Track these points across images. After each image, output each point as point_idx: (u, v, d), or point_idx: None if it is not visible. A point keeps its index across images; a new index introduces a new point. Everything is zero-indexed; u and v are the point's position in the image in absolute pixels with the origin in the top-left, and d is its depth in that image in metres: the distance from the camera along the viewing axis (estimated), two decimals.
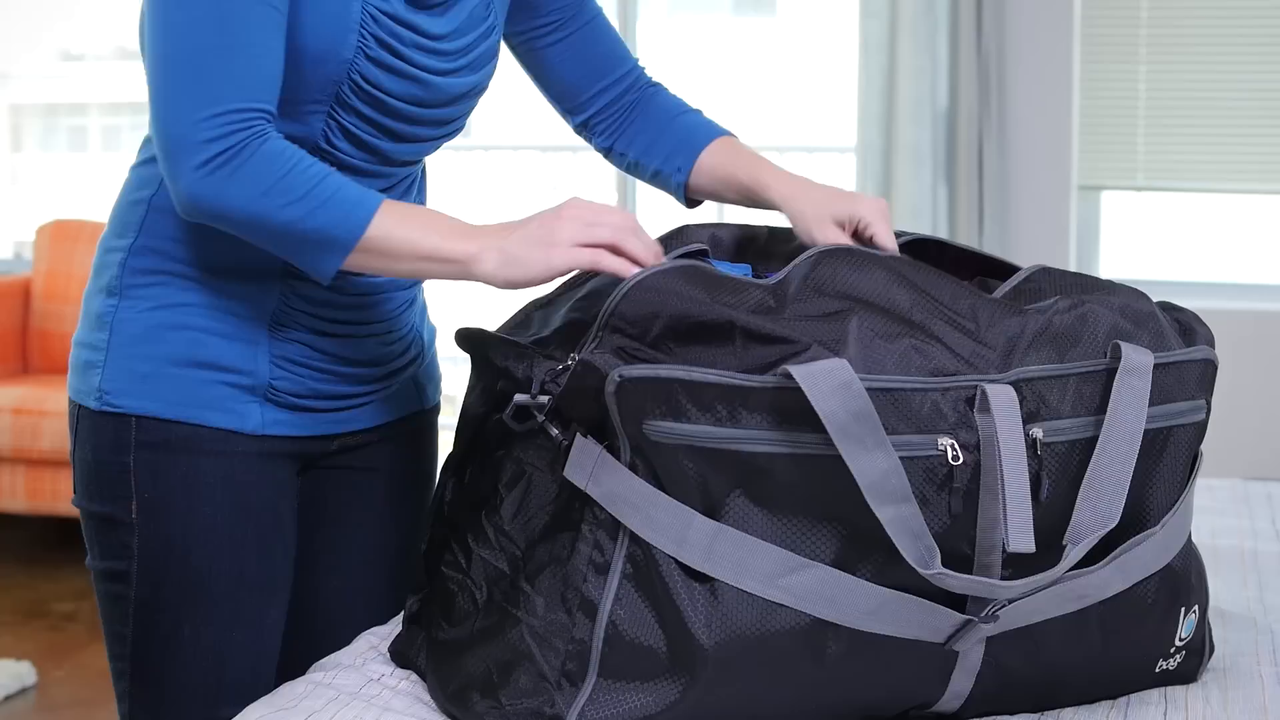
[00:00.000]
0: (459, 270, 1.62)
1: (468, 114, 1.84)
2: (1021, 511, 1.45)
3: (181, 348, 1.75)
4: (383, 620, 1.88)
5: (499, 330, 1.71)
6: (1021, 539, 1.45)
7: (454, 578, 1.65)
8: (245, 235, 1.64)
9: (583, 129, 1.99)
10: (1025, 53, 4.76)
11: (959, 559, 1.48)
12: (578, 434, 1.52)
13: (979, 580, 1.46)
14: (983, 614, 1.49)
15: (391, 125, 1.75)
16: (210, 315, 1.74)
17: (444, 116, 1.80)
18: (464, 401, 1.72)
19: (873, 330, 1.50)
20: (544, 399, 1.54)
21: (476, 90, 1.83)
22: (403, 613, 1.78)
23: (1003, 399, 1.47)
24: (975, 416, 1.48)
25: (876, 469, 1.42)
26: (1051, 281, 1.66)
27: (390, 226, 1.62)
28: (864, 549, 1.47)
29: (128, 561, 1.77)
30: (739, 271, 1.65)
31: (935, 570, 1.43)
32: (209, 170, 1.60)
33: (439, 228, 1.63)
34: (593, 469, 1.50)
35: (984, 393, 1.47)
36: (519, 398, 1.56)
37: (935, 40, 4.74)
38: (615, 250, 1.59)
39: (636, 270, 1.56)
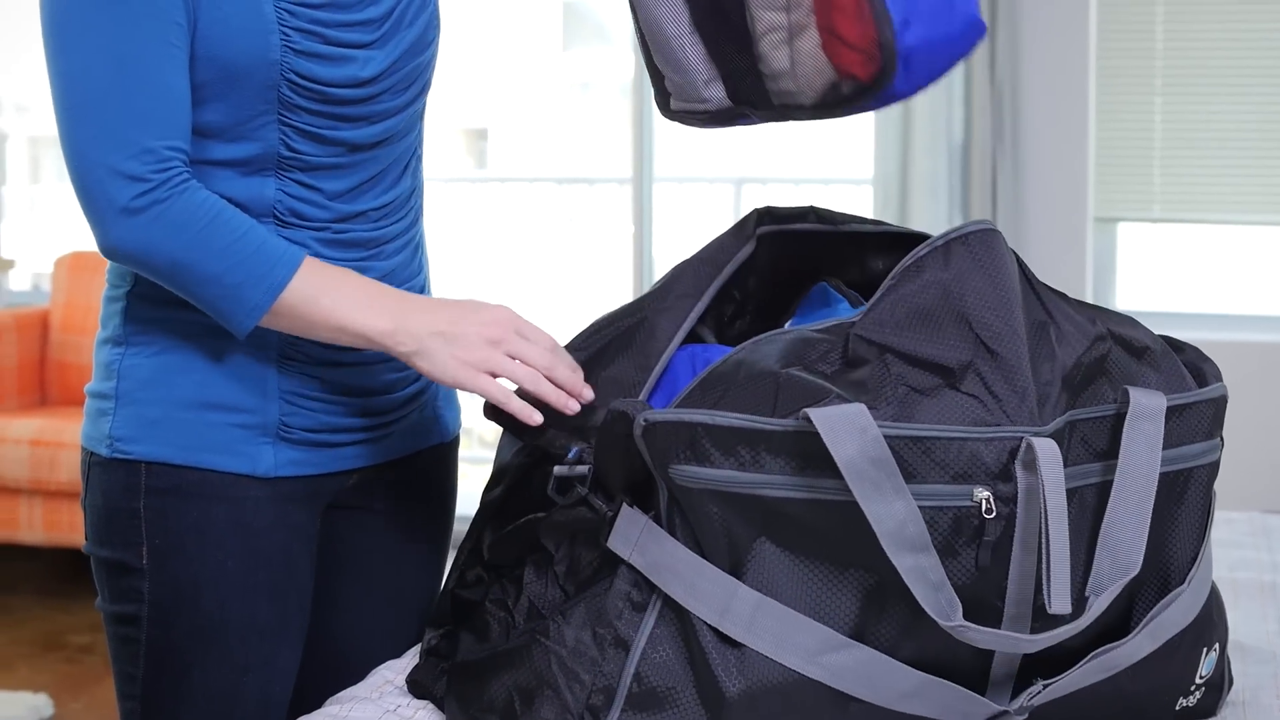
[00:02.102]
0: (375, 346, 1.67)
1: (422, 73, 1.81)
2: (1062, 574, 1.43)
3: (189, 390, 1.74)
4: (398, 656, 1.88)
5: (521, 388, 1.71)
6: (1060, 600, 1.43)
7: (497, 615, 1.65)
8: (167, 284, 1.66)
9: None
10: (1040, 85, 4.76)
11: (985, 612, 1.47)
12: (623, 504, 1.53)
13: (1003, 634, 1.45)
14: (1017, 706, 1.48)
15: (343, 111, 1.73)
16: (215, 355, 1.74)
17: (393, 83, 1.77)
18: (500, 445, 1.73)
19: (909, 384, 1.48)
20: (583, 469, 1.56)
21: (418, 45, 1.80)
22: (419, 646, 1.77)
23: (1048, 453, 1.45)
24: (1017, 470, 1.46)
25: (894, 517, 1.41)
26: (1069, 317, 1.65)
27: (309, 290, 1.65)
28: (891, 598, 1.46)
29: (138, 605, 1.77)
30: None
31: (957, 623, 1.42)
32: (132, 213, 1.62)
33: (359, 298, 1.66)
34: (637, 539, 1.50)
35: (1029, 446, 1.45)
36: (558, 470, 1.57)
37: (951, 73, 4.74)
38: (534, 380, 1.63)
39: (538, 417, 1.63)
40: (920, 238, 1.70)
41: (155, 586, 1.75)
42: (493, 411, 1.68)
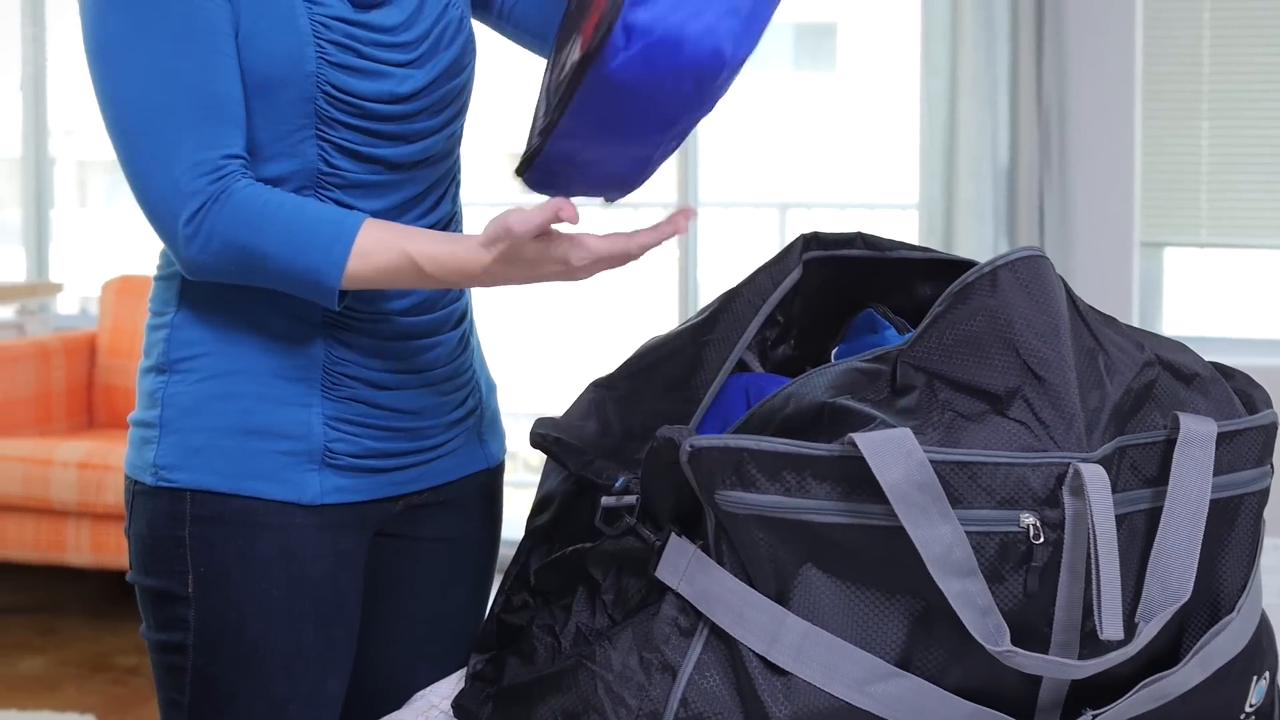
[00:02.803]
0: (441, 260, 1.65)
1: (459, 95, 1.82)
2: (1113, 599, 1.42)
3: (233, 418, 1.75)
4: (435, 681, 1.88)
5: (567, 416, 1.72)
6: (1112, 626, 1.42)
7: (544, 640, 1.65)
8: (249, 279, 1.68)
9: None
10: (1087, 109, 4.75)
11: (1033, 638, 1.46)
12: (672, 534, 1.53)
13: (1052, 660, 1.44)
14: None
15: (380, 128, 1.74)
16: (259, 381, 1.74)
17: (430, 103, 1.78)
18: (545, 472, 1.74)
19: (956, 409, 1.48)
20: (630, 499, 1.56)
21: (455, 67, 1.81)
22: (464, 670, 1.77)
23: (1096, 479, 1.45)
24: (1064, 495, 1.46)
25: (940, 541, 1.41)
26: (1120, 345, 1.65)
27: (378, 235, 1.66)
28: (938, 623, 1.45)
29: (184, 634, 1.76)
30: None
31: (1005, 648, 1.41)
32: (196, 224, 1.63)
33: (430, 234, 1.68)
34: (685, 568, 1.50)
35: (1077, 471, 1.45)
36: (606, 500, 1.57)
37: (996, 96, 4.74)
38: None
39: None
40: (967, 264, 1.69)
41: (201, 615, 1.75)
42: (538, 439, 1.69)
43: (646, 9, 1.42)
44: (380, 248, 1.64)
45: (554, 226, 1.58)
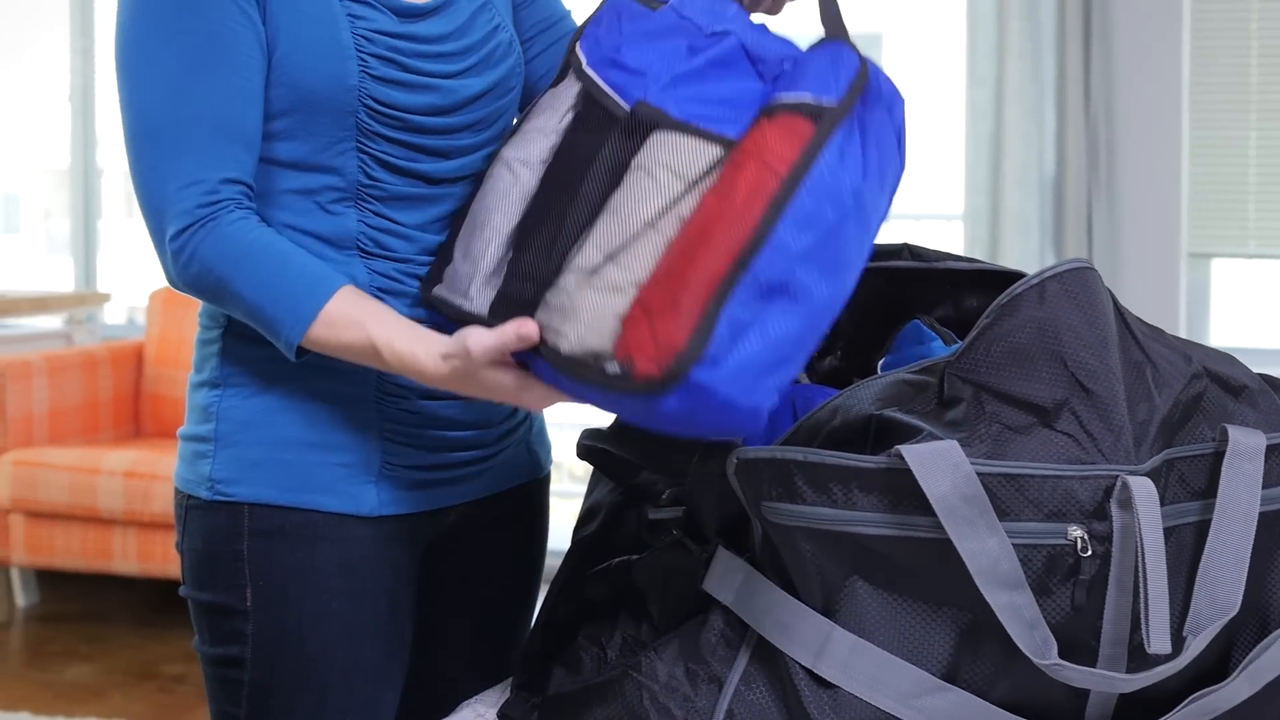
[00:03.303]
0: (400, 355, 1.62)
1: (502, 116, 1.82)
2: (1161, 612, 1.41)
3: (290, 430, 1.75)
4: (482, 690, 1.89)
5: (613, 426, 1.72)
6: (1159, 640, 1.41)
7: (590, 650, 1.65)
8: (220, 307, 1.68)
9: None
10: (1134, 119, 4.73)
11: (1081, 652, 1.46)
12: (719, 546, 1.52)
13: (1100, 673, 1.43)
14: None
15: (421, 141, 1.74)
16: (314, 394, 1.74)
17: (471, 121, 1.77)
18: (591, 482, 1.74)
19: (1003, 422, 1.48)
20: (677, 511, 1.55)
21: (502, 88, 1.80)
22: (510, 680, 1.78)
23: (1144, 492, 1.44)
24: (1112, 508, 1.45)
25: (987, 554, 1.40)
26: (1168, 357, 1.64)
27: (348, 315, 1.63)
28: (985, 637, 1.45)
29: (241, 648, 1.76)
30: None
31: (1052, 661, 1.41)
32: (181, 242, 1.63)
33: (400, 325, 1.64)
34: (731, 580, 1.50)
35: (1125, 484, 1.44)
36: (653, 513, 1.57)
37: (1042, 107, 4.72)
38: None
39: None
40: (1014, 276, 1.69)
41: (259, 629, 1.75)
42: (585, 450, 1.68)
43: (712, 370, 1.39)
44: (347, 321, 1.62)
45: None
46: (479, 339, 1.54)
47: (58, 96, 6.25)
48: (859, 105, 1.50)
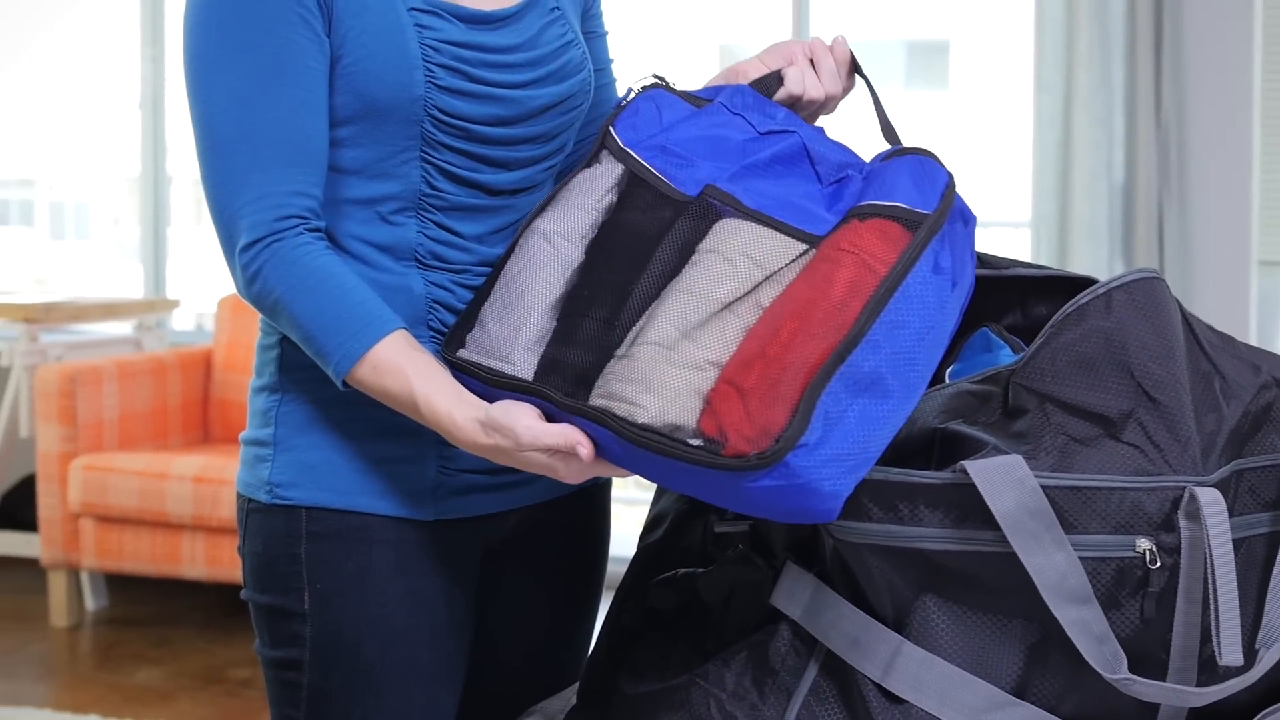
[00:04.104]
0: (437, 414, 1.62)
1: (566, 131, 1.82)
2: (1232, 623, 1.40)
3: (348, 435, 1.75)
4: (546, 697, 1.88)
5: None
6: (1231, 652, 1.40)
7: (654, 657, 1.65)
8: (278, 325, 1.69)
9: None
10: (1204, 125, 4.70)
11: (1150, 665, 1.45)
12: (788, 561, 1.52)
13: (1171, 688, 1.42)
14: None
15: (483, 152, 1.74)
16: (371, 399, 1.73)
17: (534, 134, 1.78)
18: (658, 488, 1.74)
19: (1069, 433, 1.47)
20: (743, 526, 1.55)
21: (569, 103, 1.81)
22: (575, 685, 1.78)
23: (1212, 504, 1.43)
24: (1180, 520, 1.44)
25: (1055, 569, 1.40)
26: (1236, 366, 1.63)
27: (394, 352, 1.64)
28: (1054, 651, 1.44)
29: (300, 650, 1.77)
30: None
31: (1122, 676, 1.40)
32: (250, 256, 1.65)
33: (443, 383, 1.64)
34: (801, 595, 1.50)
35: (1192, 495, 1.43)
36: (719, 526, 1.57)
37: (1111, 113, 4.69)
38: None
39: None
40: (1085, 282, 1.68)
41: (317, 631, 1.76)
42: None
43: (807, 455, 1.42)
44: (391, 368, 1.63)
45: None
46: (532, 430, 1.55)
47: (128, 104, 6.30)
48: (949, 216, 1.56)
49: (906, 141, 1.70)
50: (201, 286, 7.55)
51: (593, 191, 1.69)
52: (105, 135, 12.06)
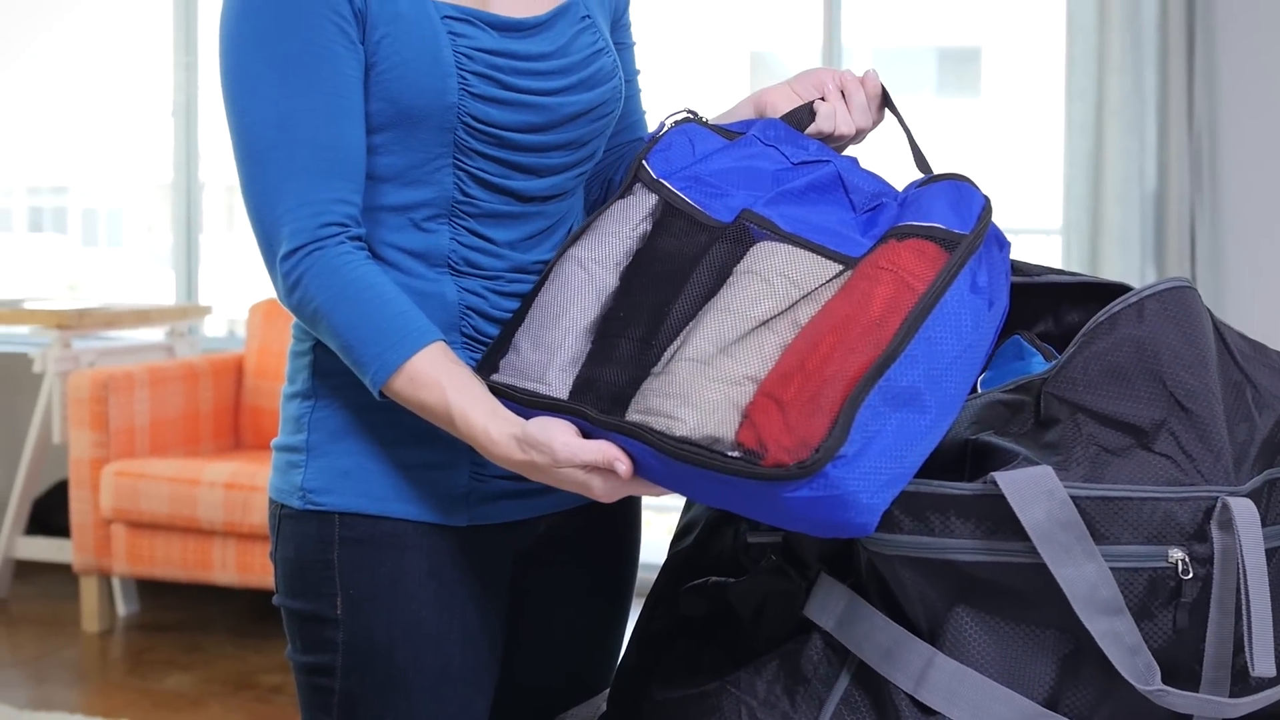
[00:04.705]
0: (473, 428, 1.63)
1: (597, 138, 1.83)
2: (1265, 634, 1.40)
3: (380, 441, 1.76)
4: (577, 704, 1.88)
5: None
6: (1264, 662, 1.40)
7: (685, 665, 1.66)
8: (318, 334, 1.69)
9: None
10: (1237, 132, 4.68)
11: (1183, 676, 1.44)
12: (821, 572, 1.53)
13: (1206, 699, 1.42)
14: None
15: (516, 159, 1.75)
16: (404, 406, 1.75)
17: (565, 140, 1.78)
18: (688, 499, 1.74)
19: (1100, 444, 1.46)
20: (776, 537, 1.56)
21: (600, 110, 1.81)
22: (605, 692, 1.78)
23: (1245, 514, 1.42)
24: (1213, 530, 1.43)
25: (1085, 580, 1.40)
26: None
27: (431, 364, 1.64)
28: (1087, 662, 1.44)
29: (332, 656, 1.77)
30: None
31: (1155, 687, 1.40)
32: (291, 263, 1.66)
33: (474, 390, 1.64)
34: (834, 606, 1.50)
35: (1225, 505, 1.43)
36: (752, 537, 1.57)
37: (1144, 121, 4.68)
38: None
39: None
40: (1119, 289, 1.67)
41: (349, 637, 1.76)
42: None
43: (847, 467, 1.42)
44: (428, 380, 1.64)
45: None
46: (569, 446, 1.56)
47: (160, 112, 6.33)
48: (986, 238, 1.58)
49: (939, 154, 1.71)
50: (233, 293, 7.57)
51: (627, 220, 1.71)
52: (138, 142, 12.12)
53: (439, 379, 1.63)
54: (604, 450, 1.55)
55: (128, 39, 12.00)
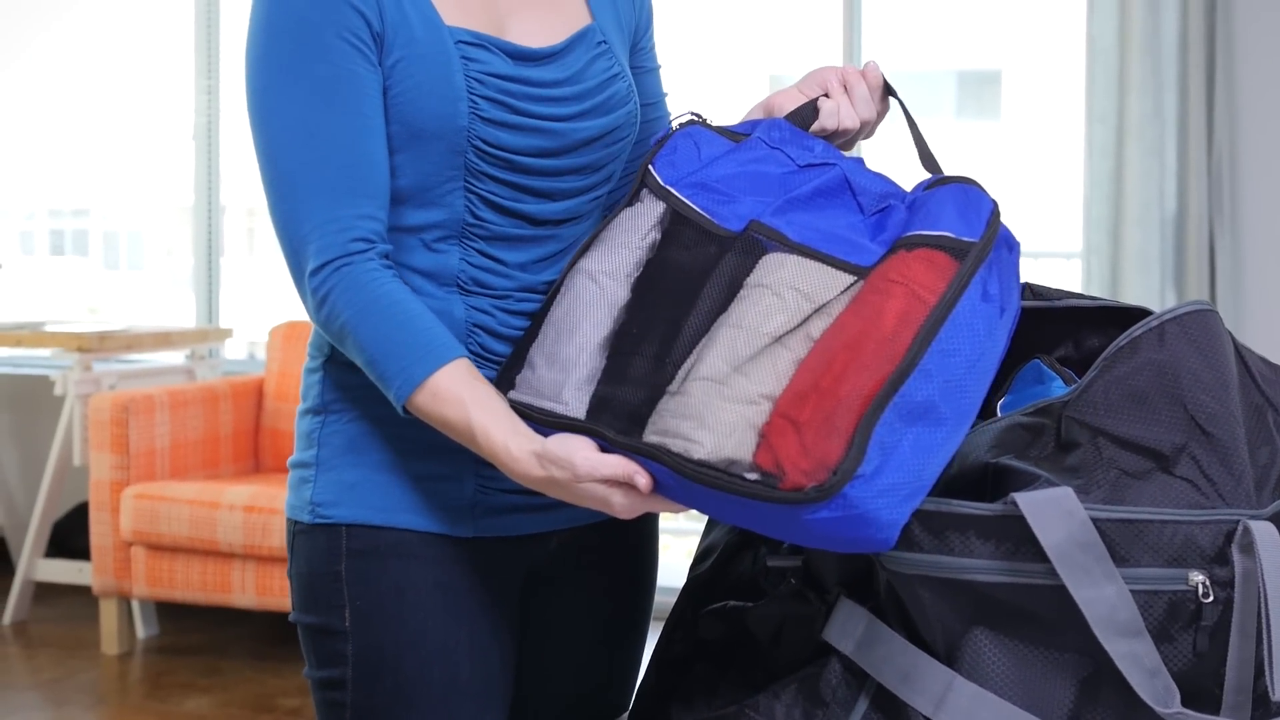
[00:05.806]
0: (494, 444, 1.63)
1: (612, 162, 1.83)
2: None
3: (387, 453, 1.77)
4: None
5: None
6: None
7: (703, 688, 1.65)
8: (344, 351, 1.70)
9: None
10: (1258, 155, 4.67)
11: (1204, 699, 1.44)
12: (841, 596, 1.53)
13: None
14: None
15: (527, 183, 1.76)
16: (412, 419, 1.73)
17: (579, 165, 1.79)
18: (709, 520, 1.74)
19: (1121, 467, 1.46)
20: (796, 560, 1.56)
21: (614, 135, 1.82)
22: (625, 714, 1.78)
23: (1267, 537, 1.42)
24: (1234, 553, 1.43)
25: (1105, 601, 1.39)
26: None
27: (454, 381, 1.65)
28: (1106, 685, 1.43)
29: (343, 669, 1.78)
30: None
31: (1175, 710, 1.39)
32: (320, 279, 1.67)
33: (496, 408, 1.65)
34: (853, 630, 1.50)
35: (1246, 529, 1.43)
36: (771, 561, 1.57)
37: (1164, 143, 4.68)
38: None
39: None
40: (1139, 313, 1.67)
41: (359, 649, 1.77)
42: None
43: (864, 486, 1.43)
44: (451, 397, 1.65)
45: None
46: (590, 461, 1.57)
47: (182, 135, 6.35)
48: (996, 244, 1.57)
49: (956, 171, 1.71)
50: (254, 316, 7.59)
51: (636, 230, 1.71)
52: (159, 165, 12.16)
53: (461, 395, 1.64)
54: (624, 464, 1.55)
55: (149, 62, 12.05)
